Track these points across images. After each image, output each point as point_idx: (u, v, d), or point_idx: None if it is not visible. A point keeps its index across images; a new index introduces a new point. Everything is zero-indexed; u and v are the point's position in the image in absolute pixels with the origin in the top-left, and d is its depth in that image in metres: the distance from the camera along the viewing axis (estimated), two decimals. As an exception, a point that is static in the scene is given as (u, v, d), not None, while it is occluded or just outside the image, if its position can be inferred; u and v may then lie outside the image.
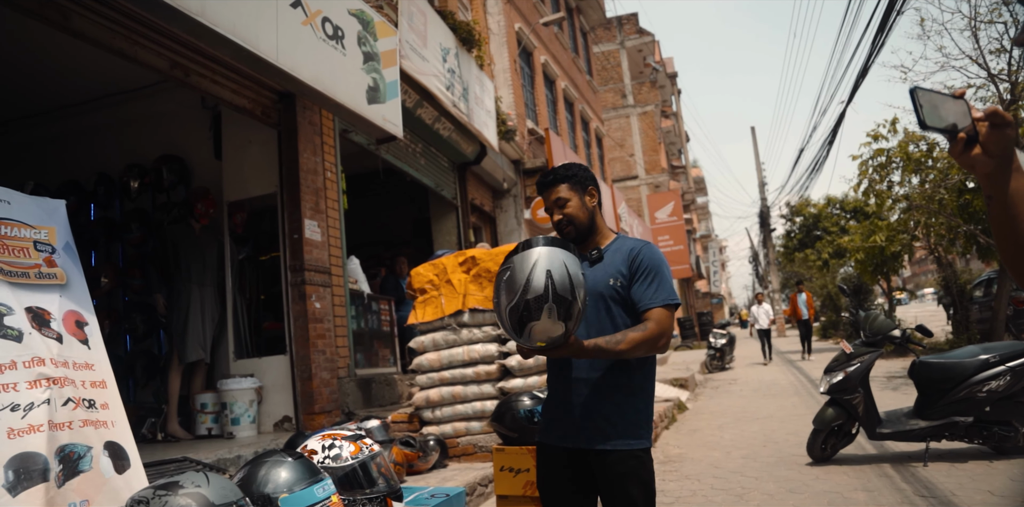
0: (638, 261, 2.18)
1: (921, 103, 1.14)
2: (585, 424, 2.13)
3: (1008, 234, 1.15)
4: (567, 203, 2.25)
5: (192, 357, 5.36)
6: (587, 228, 2.28)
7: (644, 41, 31.41)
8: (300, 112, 5.63)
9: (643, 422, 2.15)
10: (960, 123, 1.14)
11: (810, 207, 26.48)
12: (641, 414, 2.15)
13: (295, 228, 5.54)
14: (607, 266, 2.22)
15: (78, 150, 6.65)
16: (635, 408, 2.15)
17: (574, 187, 2.27)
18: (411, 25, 6.77)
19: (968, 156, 1.14)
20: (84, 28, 3.84)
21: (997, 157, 1.12)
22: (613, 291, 2.17)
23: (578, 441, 2.14)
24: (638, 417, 2.14)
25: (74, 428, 2.76)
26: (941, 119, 1.14)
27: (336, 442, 2.25)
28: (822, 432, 5.60)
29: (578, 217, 2.25)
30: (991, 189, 1.15)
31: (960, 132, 1.14)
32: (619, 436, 2.10)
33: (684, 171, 41.30)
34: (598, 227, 2.31)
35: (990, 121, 1.12)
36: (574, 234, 2.27)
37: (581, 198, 2.27)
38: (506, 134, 10.66)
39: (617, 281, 2.17)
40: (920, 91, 1.14)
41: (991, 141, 1.11)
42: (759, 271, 44.68)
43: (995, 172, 1.13)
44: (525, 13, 13.89)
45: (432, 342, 5.47)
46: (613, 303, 2.16)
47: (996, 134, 1.11)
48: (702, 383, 13.45)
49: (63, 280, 3.06)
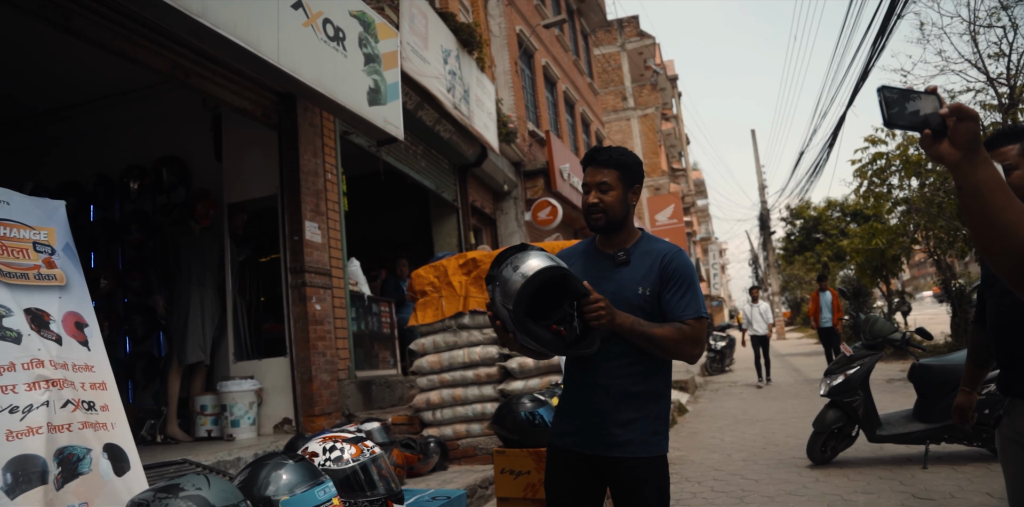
0: (671, 269, 2.11)
1: (887, 102, 1.20)
2: (603, 431, 2.08)
3: (980, 222, 1.22)
4: (609, 190, 2.13)
5: (192, 359, 5.35)
6: (619, 222, 2.17)
7: (645, 44, 31.45)
8: (301, 114, 5.63)
9: (660, 429, 2.11)
10: (930, 118, 1.20)
11: (810, 210, 26.49)
12: (658, 421, 2.11)
13: (295, 230, 5.53)
14: (634, 271, 2.13)
15: (78, 151, 6.64)
16: (654, 415, 2.11)
17: (623, 178, 2.15)
18: (412, 27, 6.78)
19: (937, 148, 1.21)
20: (85, 29, 3.83)
21: (964, 149, 1.19)
22: (642, 300, 2.09)
23: (596, 447, 2.10)
24: (655, 424, 2.10)
25: (73, 430, 2.74)
26: (906, 117, 1.21)
27: (337, 444, 2.24)
28: (822, 434, 5.60)
29: (614, 208, 2.14)
30: (960, 180, 1.22)
31: (928, 127, 1.20)
32: (636, 443, 2.07)
33: (684, 174, 41.31)
34: (628, 225, 2.21)
35: (956, 115, 1.20)
36: (603, 222, 2.15)
37: (625, 192, 2.16)
38: (507, 136, 10.66)
39: (647, 290, 2.09)
40: (886, 90, 1.20)
41: (957, 133, 1.19)
42: (759, 274, 44.69)
43: (963, 163, 1.20)
44: (526, 15, 13.90)
45: (433, 344, 5.47)
46: (641, 313, 2.07)
47: (962, 126, 1.19)
48: (702, 385, 13.45)
49: (63, 281, 3.06)
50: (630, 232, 2.22)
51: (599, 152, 2.18)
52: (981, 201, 1.20)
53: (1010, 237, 1.19)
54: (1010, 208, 1.20)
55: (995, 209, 1.20)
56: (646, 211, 28.14)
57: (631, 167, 2.16)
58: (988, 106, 11.37)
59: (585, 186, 2.18)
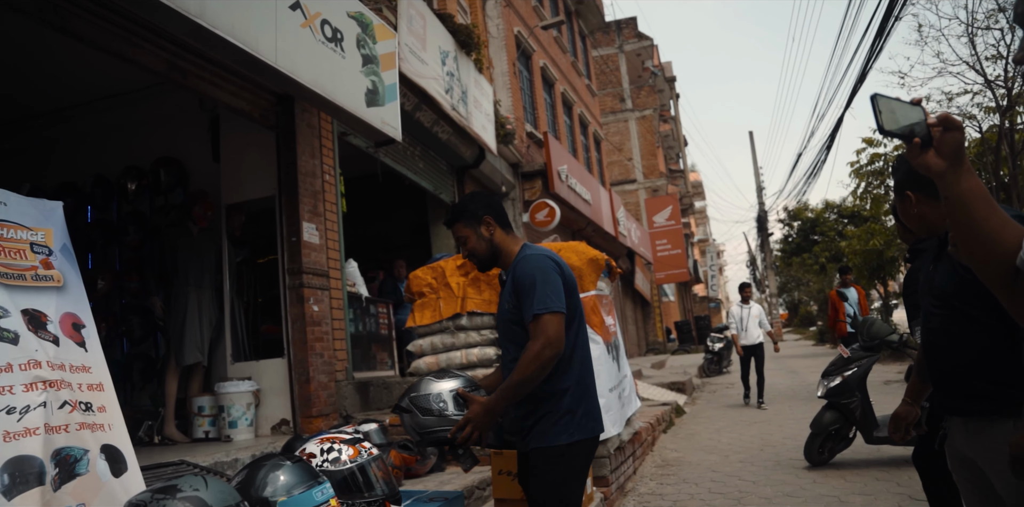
0: (515, 278, 2.33)
1: (880, 109, 1.23)
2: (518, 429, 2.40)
3: (965, 230, 1.26)
4: (467, 240, 2.42)
5: (189, 360, 5.34)
6: (489, 256, 2.43)
7: (643, 45, 31.50)
8: (299, 115, 5.63)
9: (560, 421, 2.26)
10: (916, 128, 1.24)
11: (808, 211, 26.53)
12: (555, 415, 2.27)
13: (293, 231, 5.53)
14: (505, 289, 2.42)
15: (76, 152, 6.63)
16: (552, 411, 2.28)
17: (468, 223, 2.41)
18: (410, 28, 6.78)
19: (923, 158, 1.25)
20: (82, 30, 3.83)
21: (949, 159, 1.23)
22: (511, 314, 2.35)
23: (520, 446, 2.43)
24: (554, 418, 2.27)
25: (71, 431, 2.74)
26: (899, 124, 1.24)
27: (335, 445, 2.24)
28: (819, 436, 5.60)
29: (477, 249, 2.41)
30: (946, 190, 1.26)
31: (916, 136, 1.24)
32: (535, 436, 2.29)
33: (682, 175, 41.33)
34: (503, 251, 2.43)
35: (943, 125, 1.23)
36: (481, 264, 2.45)
37: (476, 231, 2.40)
38: (505, 137, 10.66)
39: (510, 304, 2.35)
40: (880, 98, 1.24)
41: (943, 144, 1.23)
42: (756, 275, 44.72)
43: (948, 173, 1.24)
44: (524, 17, 13.91)
45: (430, 345, 5.46)
46: (518, 327, 2.32)
47: (948, 137, 1.23)
48: (699, 387, 13.45)
49: (60, 282, 3.05)
50: (508, 257, 2.44)
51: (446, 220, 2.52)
52: (965, 210, 1.24)
53: (994, 244, 1.23)
54: (993, 217, 1.23)
55: (979, 218, 1.24)
56: (644, 212, 28.16)
57: (467, 210, 2.43)
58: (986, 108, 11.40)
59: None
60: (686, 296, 39.65)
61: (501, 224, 2.44)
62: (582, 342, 2.39)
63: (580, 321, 2.40)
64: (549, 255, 2.36)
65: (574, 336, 2.34)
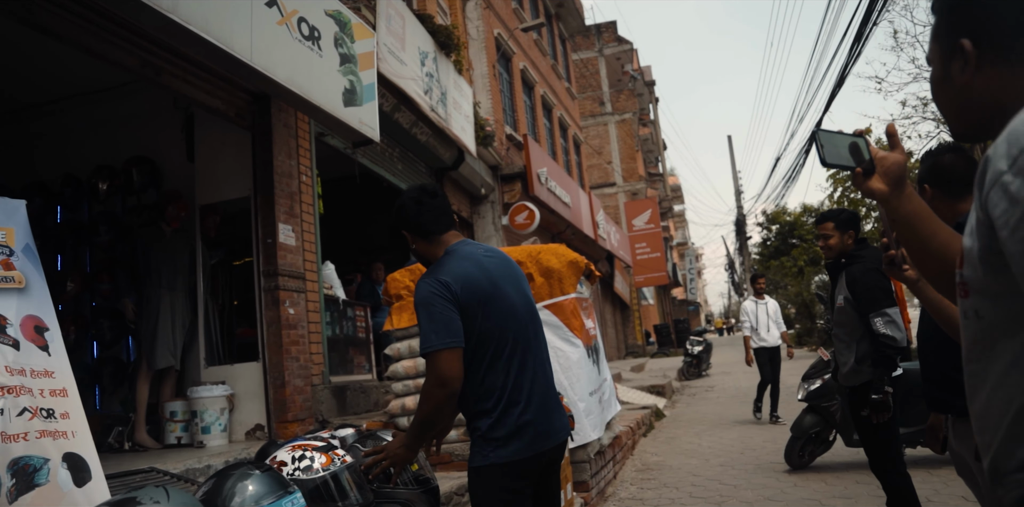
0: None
1: (822, 143, 1.31)
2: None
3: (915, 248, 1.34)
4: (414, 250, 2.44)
5: (161, 364, 5.22)
6: (426, 265, 2.42)
7: (623, 49, 31.58)
8: (275, 114, 5.53)
9: (477, 442, 2.23)
10: (858, 158, 1.32)
11: (786, 215, 26.71)
12: (475, 436, 2.24)
13: (269, 232, 5.42)
14: None
15: (46, 151, 6.47)
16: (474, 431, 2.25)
17: (405, 232, 2.43)
18: (389, 28, 6.70)
19: (867, 185, 1.32)
20: (49, 23, 3.71)
21: (891, 185, 1.30)
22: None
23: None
24: (474, 439, 2.25)
25: (30, 439, 2.64)
26: (841, 156, 1.32)
27: (307, 453, 2.16)
28: (800, 439, 5.60)
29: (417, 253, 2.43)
30: (892, 213, 1.33)
31: (857, 166, 1.32)
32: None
33: (661, 179, 41.51)
34: (432, 259, 2.40)
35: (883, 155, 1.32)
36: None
37: (412, 240, 2.43)
38: (484, 140, 10.60)
39: None
40: (822, 133, 1.33)
41: (886, 171, 1.31)
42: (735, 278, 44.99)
43: (891, 197, 1.31)
44: (505, 19, 13.87)
45: (408, 349, 5.38)
46: None
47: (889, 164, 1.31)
48: (679, 390, 13.46)
49: (21, 283, 2.95)
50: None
51: None
52: (912, 230, 1.32)
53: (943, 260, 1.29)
54: (939, 234, 1.31)
55: (925, 236, 1.31)
56: (624, 216, 28.21)
57: (399, 219, 2.41)
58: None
59: None
60: (665, 299, 39.78)
61: (419, 234, 2.38)
62: (505, 361, 2.22)
63: (503, 333, 2.23)
64: (438, 277, 2.20)
65: (489, 357, 2.20)
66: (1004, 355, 0.90)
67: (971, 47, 1.01)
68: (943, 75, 1.09)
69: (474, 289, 2.19)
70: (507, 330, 2.24)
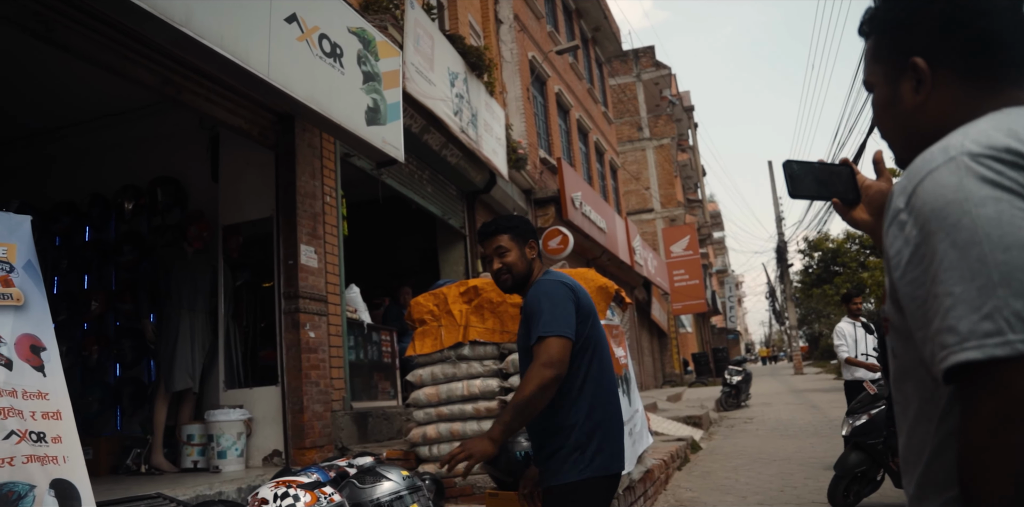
0: (525, 305, 2.31)
1: (791, 175, 1.24)
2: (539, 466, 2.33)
3: None
4: (507, 253, 2.37)
5: (179, 386, 5.13)
6: (523, 277, 2.39)
7: (660, 74, 31.47)
8: (299, 134, 5.46)
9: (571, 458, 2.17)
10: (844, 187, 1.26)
11: (828, 242, 26.10)
12: (565, 451, 2.18)
13: (290, 253, 5.33)
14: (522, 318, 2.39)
15: (75, 171, 6.52)
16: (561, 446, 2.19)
17: (515, 238, 2.39)
18: (417, 48, 6.63)
19: (850, 216, 1.27)
20: (69, 40, 3.68)
21: (875, 214, 1.24)
22: (525, 342, 2.31)
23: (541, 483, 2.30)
24: (564, 454, 2.18)
25: (16, 464, 2.51)
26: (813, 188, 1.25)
27: (291, 490, 1.98)
28: (844, 478, 5.24)
29: (516, 266, 2.37)
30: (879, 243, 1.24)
31: (833, 197, 1.25)
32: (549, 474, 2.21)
33: (700, 205, 41.04)
34: (534, 277, 2.41)
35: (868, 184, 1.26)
36: (510, 282, 2.39)
37: (521, 249, 2.39)
38: (517, 162, 10.48)
39: (525, 329, 2.32)
40: (793, 164, 1.25)
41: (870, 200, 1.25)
42: (776, 307, 44.07)
43: (877, 228, 1.24)
44: (539, 42, 13.85)
45: (431, 376, 5.20)
46: (531, 355, 2.24)
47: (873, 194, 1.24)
48: (717, 421, 13.03)
49: (20, 301, 2.85)
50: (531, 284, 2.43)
51: (487, 225, 2.46)
52: None
53: None
54: None
55: None
56: (661, 242, 27.84)
57: (518, 227, 2.42)
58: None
59: (486, 257, 2.44)
60: (704, 327, 39.06)
61: (539, 254, 2.47)
62: (595, 374, 2.28)
63: (597, 351, 2.31)
64: (563, 281, 2.31)
65: (586, 366, 2.26)
66: (912, 401, 0.89)
67: (926, 65, 0.96)
68: (891, 97, 1.03)
69: (586, 302, 2.31)
70: (602, 347, 2.34)
